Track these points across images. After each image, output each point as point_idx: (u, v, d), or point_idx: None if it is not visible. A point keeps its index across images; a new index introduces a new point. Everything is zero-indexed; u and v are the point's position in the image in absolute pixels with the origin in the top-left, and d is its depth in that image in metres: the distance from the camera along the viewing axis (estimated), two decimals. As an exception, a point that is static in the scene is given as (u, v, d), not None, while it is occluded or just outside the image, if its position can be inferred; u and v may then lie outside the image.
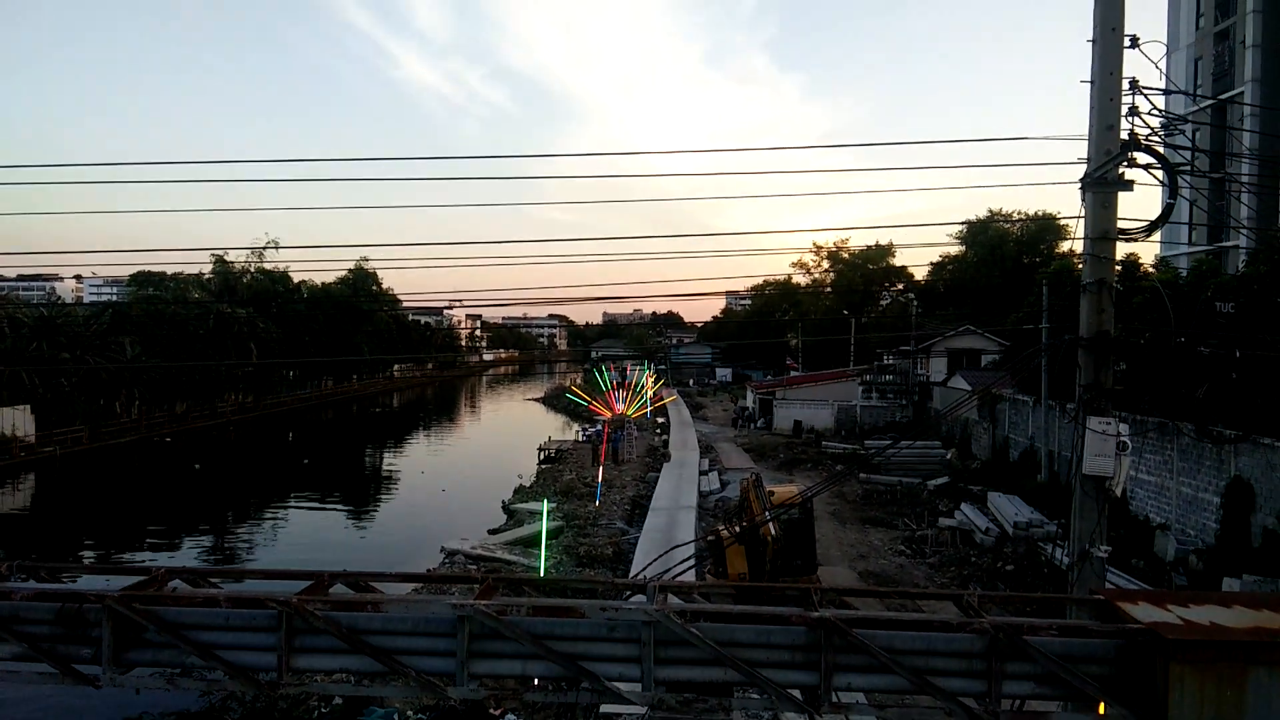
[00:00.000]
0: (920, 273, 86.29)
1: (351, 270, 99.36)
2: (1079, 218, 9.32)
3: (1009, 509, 28.31)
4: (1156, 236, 9.44)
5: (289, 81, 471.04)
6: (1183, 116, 12.59)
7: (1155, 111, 9.33)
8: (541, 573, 23.30)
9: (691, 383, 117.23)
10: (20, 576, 8.76)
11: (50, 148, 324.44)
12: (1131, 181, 9.17)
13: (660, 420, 67.82)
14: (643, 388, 70.49)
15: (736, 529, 18.63)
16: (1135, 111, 9.13)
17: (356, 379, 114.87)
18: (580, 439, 57.74)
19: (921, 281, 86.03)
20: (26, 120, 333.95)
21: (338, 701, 16.07)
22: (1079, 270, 9.66)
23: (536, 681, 8.05)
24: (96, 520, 39.00)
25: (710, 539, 19.30)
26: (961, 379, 48.08)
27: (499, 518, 35.38)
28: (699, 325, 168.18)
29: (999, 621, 7.09)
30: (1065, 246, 64.82)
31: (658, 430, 61.61)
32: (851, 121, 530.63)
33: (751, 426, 64.53)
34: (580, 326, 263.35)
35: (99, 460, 52.50)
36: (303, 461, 57.55)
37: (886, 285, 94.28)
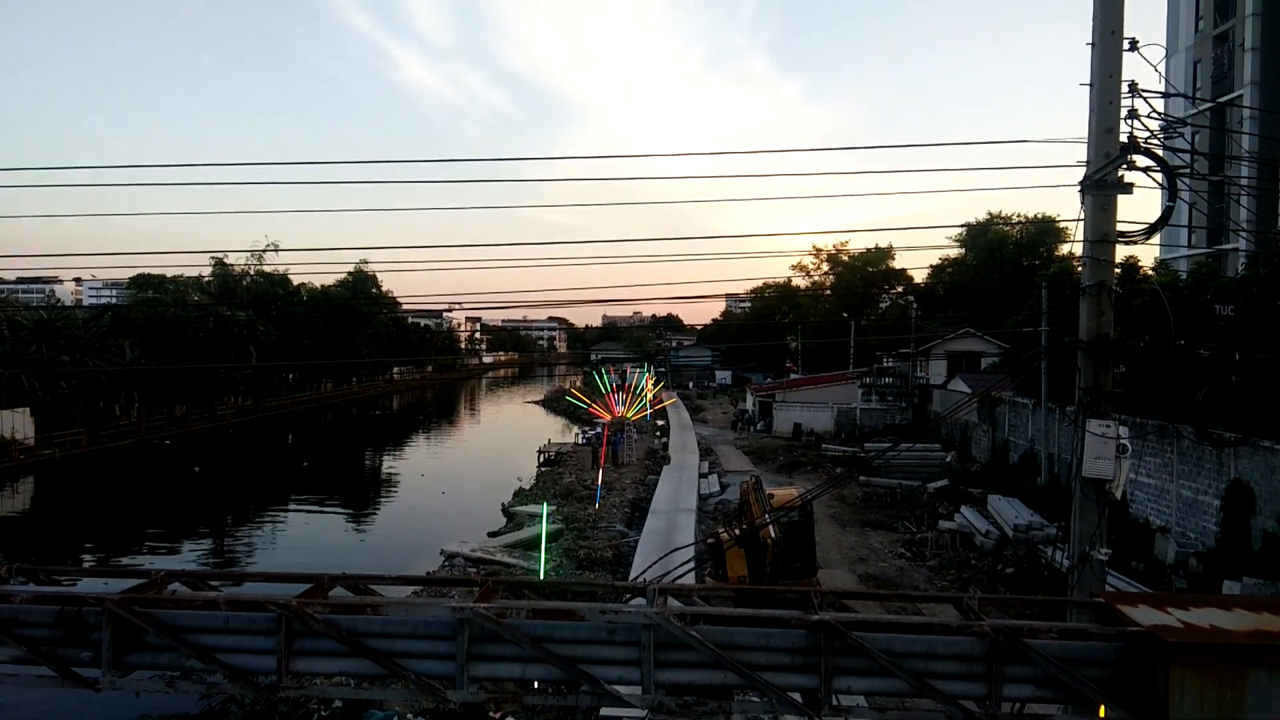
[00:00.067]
0: (920, 275, 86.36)
1: (351, 273, 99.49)
2: (1078, 220, 9.33)
3: (1009, 512, 28.31)
4: (1156, 239, 9.44)
5: (289, 84, 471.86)
6: (1182, 119, 12.61)
7: (1155, 114, 9.34)
8: (541, 575, 23.31)
9: (691, 385, 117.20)
10: (20, 579, 8.75)
11: (50, 150, 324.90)
12: (1131, 184, 9.18)
13: (660, 423, 67.82)
14: (642, 390, 70.46)
15: (736, 532, 18.64)
16: (1135, 114, 9.13)
17: (356, 382, 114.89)
18: (580, 442, 57.73)
19: (921, 284, 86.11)
20: (26, 122, 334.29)
21: (337, 705, 16.06)
22: (1078, 273, 9.66)
23: (536, 684, 8.04)
24: (96, 523, 38.97)
25: (710, 542, 19.30)
26: (961, 381, 48.10)
27: (499, 520, 35.36)
28: (699, 328, 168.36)
29: (999, 624, 7.09)
30: (1065, 249, 64.94)
31: (657, 433, 61.62)
32: (851, 124, 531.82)
33: (751, 429, 64.52)
34: (580, 329, 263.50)
35: (98, 463, 52.48)
36: (302, 464, 57.52)
37: (886, 288, 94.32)
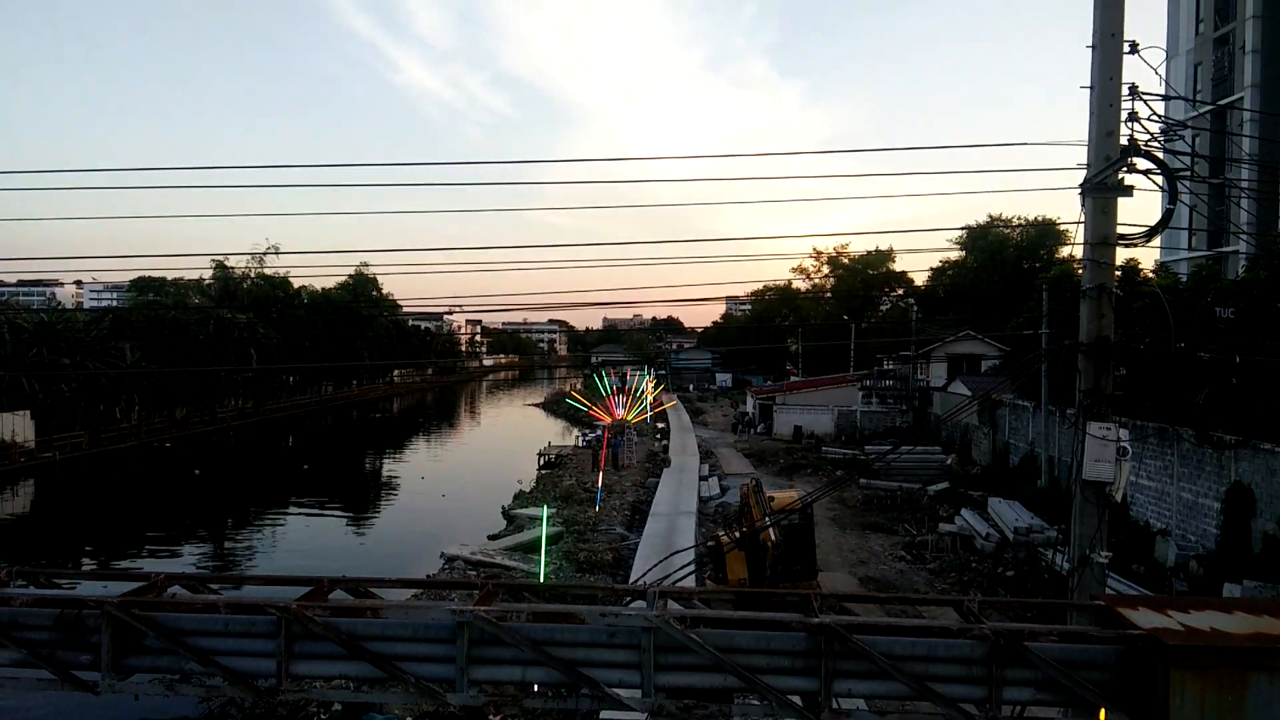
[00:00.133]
0: (920, 278, 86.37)
1: (352, 275, 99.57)
2: (1079, 223, 9.33)
3: (1009, 514, 28.29)
4: (1156, 242, 9.44)
5: (289, 86, 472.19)
6: (1182, 122, 12.63)
7: (1155, 117, 9.34)
8: (541, 578, 23.30)
9: (691, 388, 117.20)
10: (20, 582, 8.75)
11: (50, 153, 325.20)
12: (1131, 187, 9.18)
13: (660, 425, 67.79)
14: (643, 393, 70.46)
15: (737, 534, 18.65)
16: (1135, 117, 9.13)
17: (356, 384, 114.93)
18: (580, 444, 57.70)
19: (922, 287, 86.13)
20: (26, 125, 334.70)
21: (337, 708, 16.04)
22: (1079, 275, 9.66)
23: (536, 687, 8.03)
24: (96, 526, 38.96)
25: (710, 544, 19.30)
26: (961, 384, 48.09)
27: (499, 523, 35.33)
28: (699, 330, 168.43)
29: (999, 627, 7.08)
30: (1065, 252, 64.96)
31: (658, 435, 61.60)
32: (852, 127, 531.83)
33: (751, 432, 64.51)
34: (580, 332, 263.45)
35: (99, 466, 52.48)
36: (302, 467, 57.50)
37: (887, 290, 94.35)
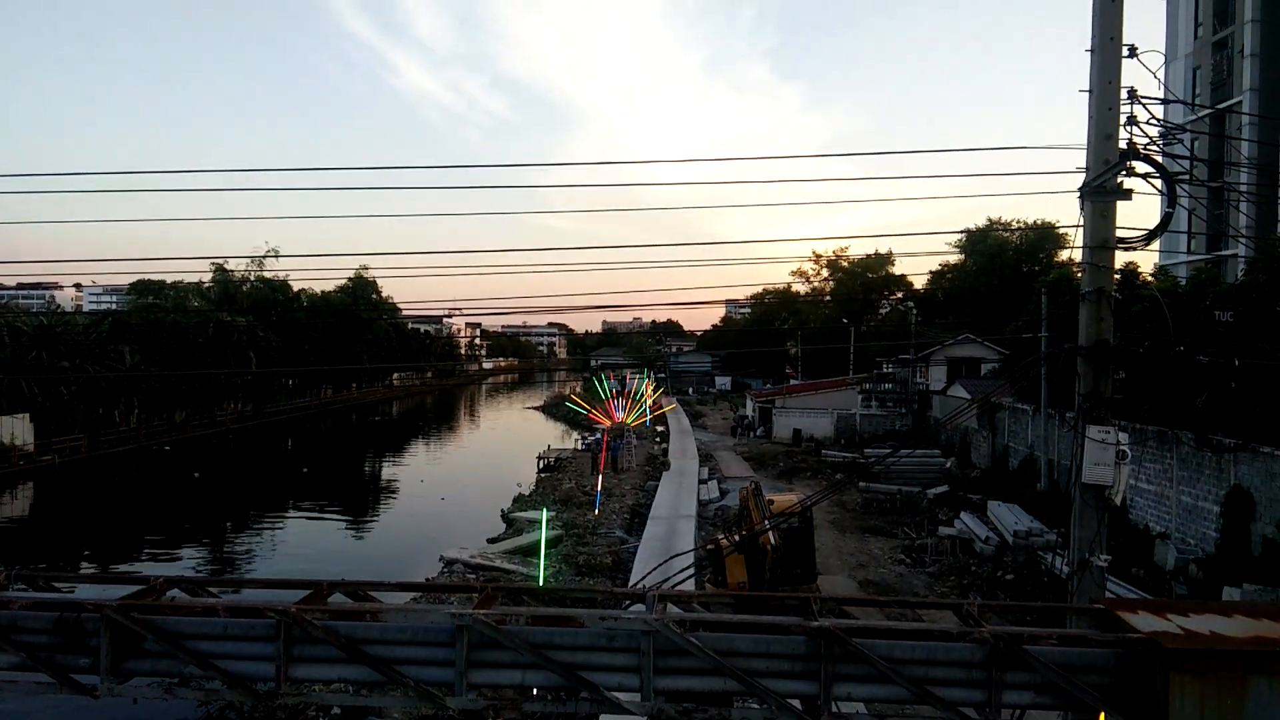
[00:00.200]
0: (920, 281, 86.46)
1: (351, 279, 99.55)
2: (1078, 226, 9.33)
3: (1009, 518, 28.28)
4: (1155, 245, 9.43)
5: (289, 90, 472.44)
6: (1181, 126, 12.62)
7: (1154, 121, 9.35)
8: (540, 582, 23.26)
9: (691, 391, 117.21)
10: (19, 586, 8.73)
11: (50, 156, 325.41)
12: (1130, 190, 9.19)
13: (659, 429, 67.77)
14: (642, 396, 70.46)
15: (736, 538, 18.62)
16: (1134, 121, 9.14)
17: (356, 387, 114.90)
18: (579, 447, 57.66)
19: (921, 290, 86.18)
20: (26, 129, 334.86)
21: (336, 711, 16.02)
22: (1078, 279, 9.66)
23: (535, 691, 8.03)
24: (95, 529, 38.93)
25: (710, 548, 19.27)
26: (961, 387, 48.10)
27: (498, 526, 35.31)
28: (698, 334, 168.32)
29: (999, 631, 7.08)
30: (1064, 255, 65.03)
31: (657, 439, 61.57)
32: (851, 130, 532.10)
33: (751, 435, 64.49)
34: (580, 335, 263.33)
35: (98, 469, 52.45)
36: (302, 470, 57.47)
37: (886, 294, 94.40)
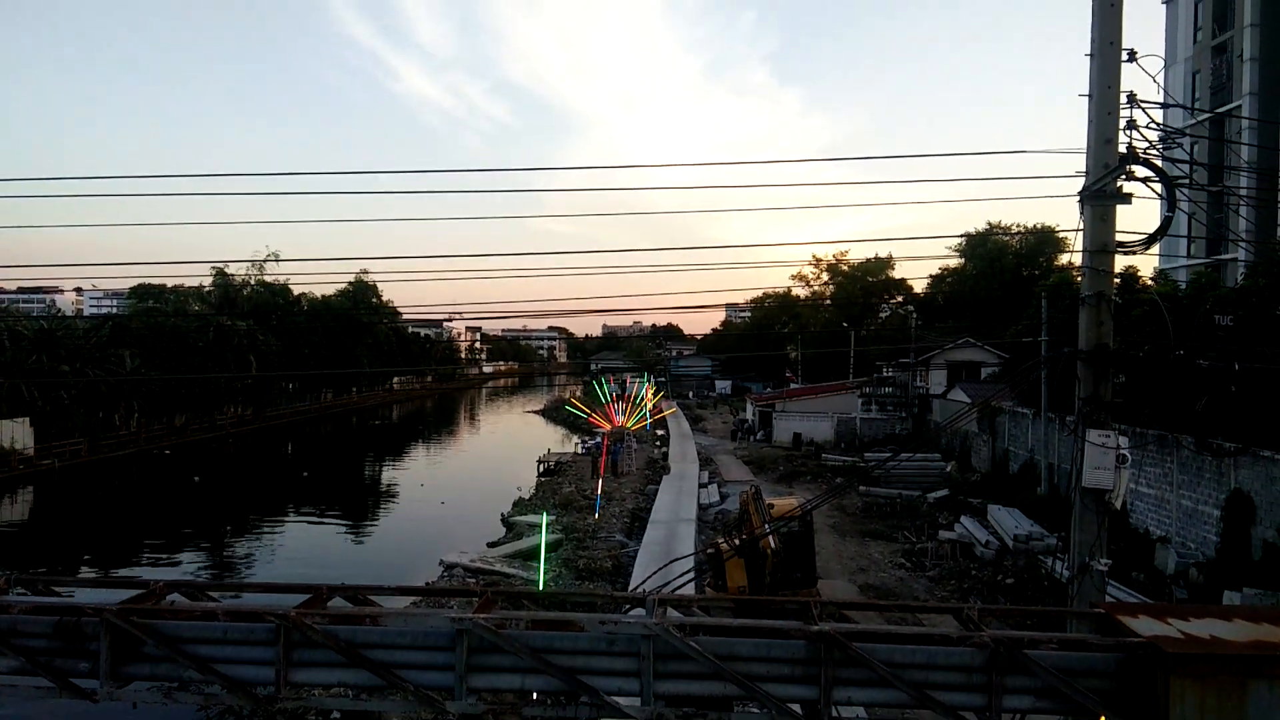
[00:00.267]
0: (919, 285, 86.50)
1: (351, 283, 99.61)
2: (1077, 231, 9.34)
3: (1009, 522, 28.26)
4: (1155, 249, 9.44)
5: (290, 94, 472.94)
6: (1181, 130, 12.63)
7: (1153, 125, 9.37)
8: (540, 586, 23.23)
9: (691, 395, 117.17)
10: (19, 590, 8.73)
11: (50, 160, 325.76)
12: (1130, 195, 9.20)
13: (660, 433, 67.76)
14: (642, 400, 70.47)
15: (736, 542, 18.60)
16: (1133, 125, 9.16)
17: (356, 391, 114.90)
18: (579, 451, 57.66)
19: (921, 294, 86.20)
20: (26, 132, 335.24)
21: (335, 716, 15.99)
22: (1078, 283, 9.67)
23: (535, 695, 8.03)
24: (95, 533, 38.91)
25: (710, 552, 19.26)
26: (961, 391, 48.07)
27: (498, 530, 35.29)
28: (698, 338, 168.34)
29: (999, 635, 7.07)
30: (1064, 259, 65.02)
31: (657, 443, 61.55)
32: (851, 134, 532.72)
33: (751, 439, 64.46)
34: (580, 339, 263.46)
35: (98, 473, 52.42)
36: (302, 474, 57.45)
37: (886, 297, 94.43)
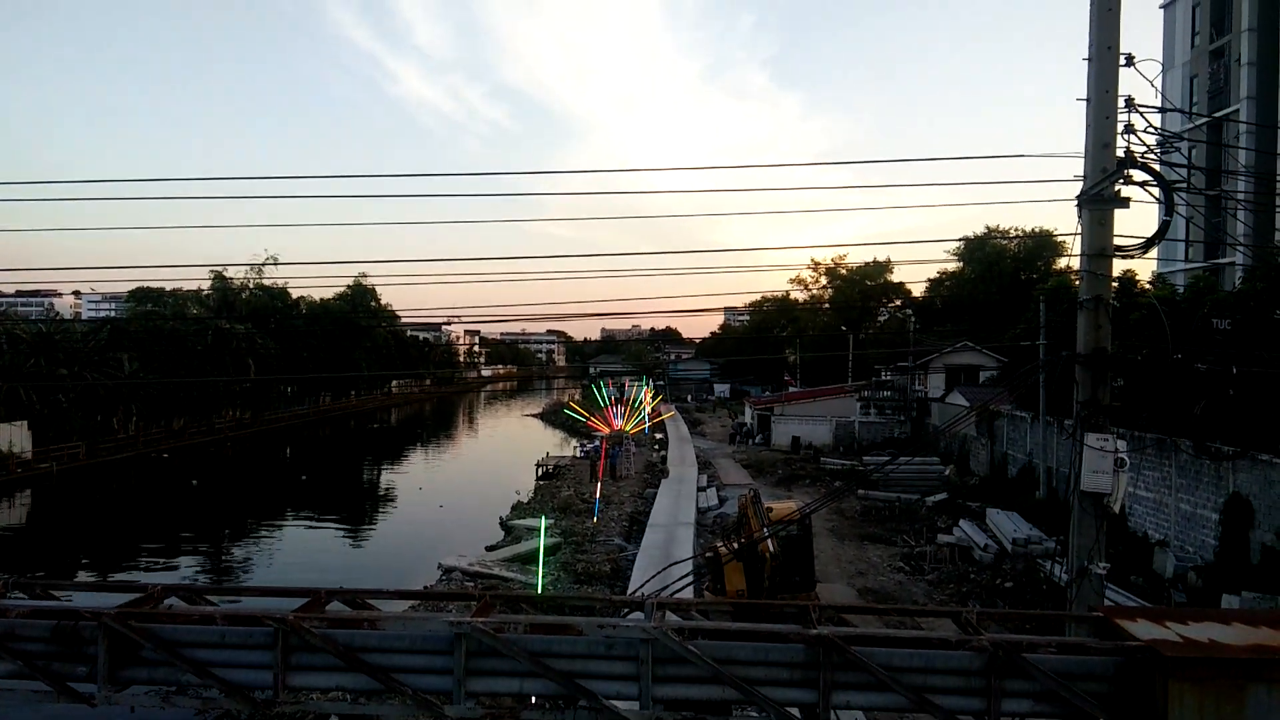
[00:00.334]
0: (918, 289, 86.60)
1: (350, 286, 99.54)
2: (1076, 234, 9.35)
3: (1007, 525, 28.27)
4: (1153, 253, 9.45)
5: (288, 97, 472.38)
6: (1179, 134, 12.69)
7: (1151, 129, 9.39)
8: (539, 590, 23.23)
9: (690, 399, 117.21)
10: (16, 594, 8.71)
11: (49, 163, 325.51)
12: (1128, 199, 9.21)
13: (658, 436, 67.78)
14: (641, 403, 70.48)
15: (735, 546, 18.61)
16: (1131, 129, 9.17)
17: (354, 395, 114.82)
18: (578, 455, 57.67)
19: (919, 298, 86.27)
20: (25, 136, 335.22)
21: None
22: (1076, 287, 9.68)
23: (534, 700, 8.01)
24: (93, 537, 38.86)
25: (708, 556, 19.27)
26: (960, 395, 48.10)
27: (497, 534, 35.27)
28: (697, 341, 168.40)
29: (998, 639, 7.06)
30: (1062, 263, 65.13)
31: (656, 446, 61.56)
32: (850, 138, 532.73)
33: (750, 442, 64.48)
34: (579, 342, 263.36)
35: (96, 476, 52.35)
36: (300, 478, 57.41)
37: (884, 301, 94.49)
